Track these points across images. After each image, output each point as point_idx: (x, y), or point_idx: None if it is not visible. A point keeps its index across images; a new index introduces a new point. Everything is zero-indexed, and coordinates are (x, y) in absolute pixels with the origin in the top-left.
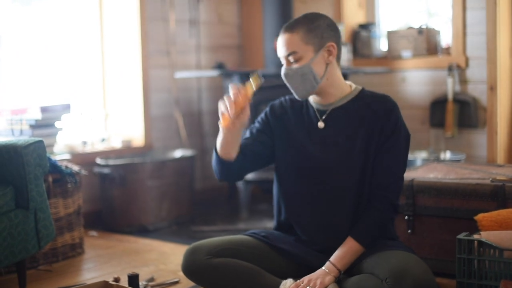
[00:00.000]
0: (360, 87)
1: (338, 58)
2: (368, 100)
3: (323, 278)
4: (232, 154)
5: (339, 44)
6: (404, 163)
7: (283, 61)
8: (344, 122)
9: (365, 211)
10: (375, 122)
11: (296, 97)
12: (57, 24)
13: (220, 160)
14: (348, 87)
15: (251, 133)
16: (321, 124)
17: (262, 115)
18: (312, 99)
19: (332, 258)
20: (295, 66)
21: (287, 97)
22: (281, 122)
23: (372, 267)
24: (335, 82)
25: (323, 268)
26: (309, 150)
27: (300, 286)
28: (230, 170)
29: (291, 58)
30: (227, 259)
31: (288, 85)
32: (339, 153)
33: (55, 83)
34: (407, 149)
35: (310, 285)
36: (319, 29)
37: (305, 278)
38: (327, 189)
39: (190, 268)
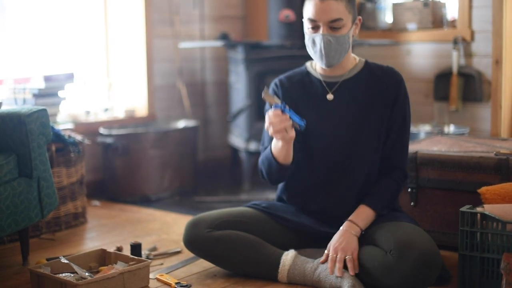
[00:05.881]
0: (363, 59)
1: None
2: (376, 72)
3: (352, 243)
4: (291, 158)
5: None
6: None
7: (322, 27)
8: (354, 94)
9: (379, 180)
10: (387, 94)
11: (323, 65)
12: None
13: (283, 167)
14: (353, 59)
15: None
16: (330, 96)
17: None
18: (317, 71)
19: (352, 218)
20: (336, 34)
21: (279, 80)
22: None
23: (377, 239)
24: (349, 54)
25: (344, 228)
26: (318, 123)
27: (330, 257)
28: (287, 172)
29: (334, 25)
30: (228, 231)
31: (317, 51)
32: (351, 124)
33: (59, 52)
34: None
35: (346, 255)
36: (354, 0)
37: (332, 248)
38: (339, 161)
39: (192, 241)
